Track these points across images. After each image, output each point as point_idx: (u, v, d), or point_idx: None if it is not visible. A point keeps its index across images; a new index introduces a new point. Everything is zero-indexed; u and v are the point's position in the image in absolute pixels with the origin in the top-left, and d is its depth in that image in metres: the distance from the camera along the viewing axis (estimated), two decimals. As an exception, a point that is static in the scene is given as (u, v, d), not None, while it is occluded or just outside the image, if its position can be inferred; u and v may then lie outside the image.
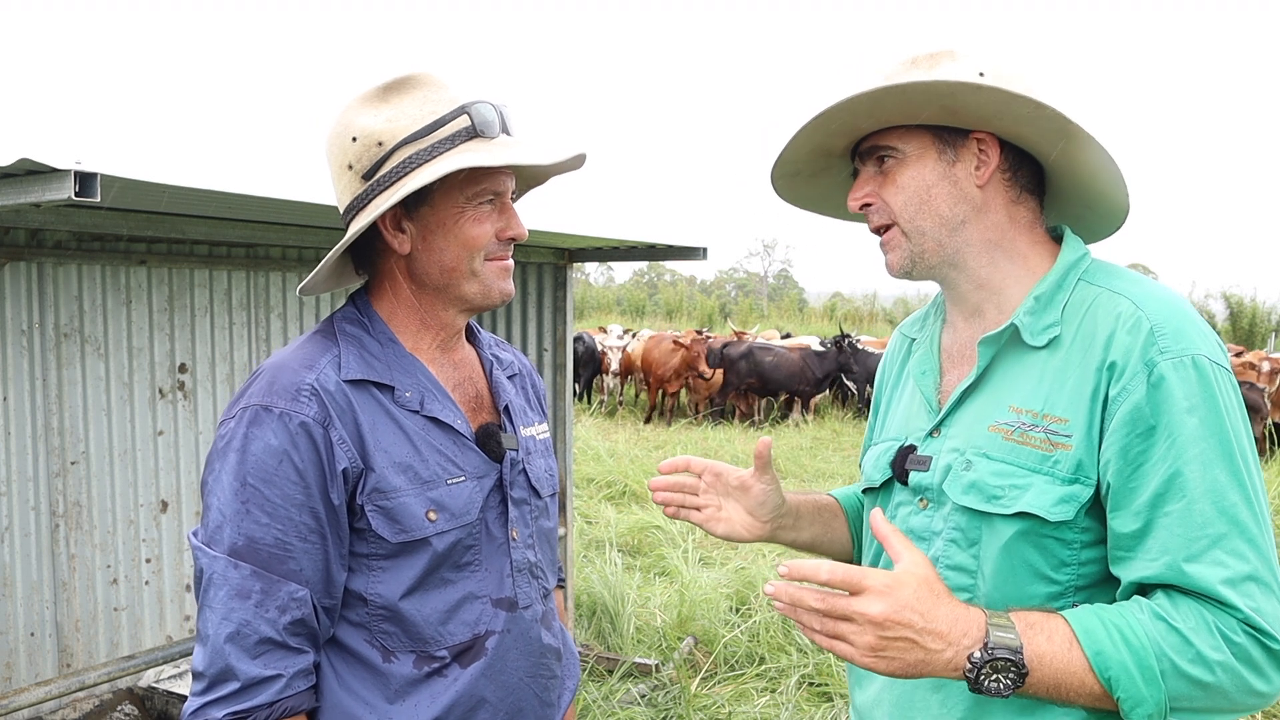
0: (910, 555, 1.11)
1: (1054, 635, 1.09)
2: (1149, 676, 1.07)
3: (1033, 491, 1.19)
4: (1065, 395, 1.20)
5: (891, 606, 1.05)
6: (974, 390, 1.30)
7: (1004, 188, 1.30)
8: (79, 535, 3.64)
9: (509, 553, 1.43)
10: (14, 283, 3.37)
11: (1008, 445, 1.23)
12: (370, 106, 1.35)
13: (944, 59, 1.28)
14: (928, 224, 1.29)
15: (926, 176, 1.28)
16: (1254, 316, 27.89)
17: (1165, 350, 1.15)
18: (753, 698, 4.32)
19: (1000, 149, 1.28)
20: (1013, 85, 1.22)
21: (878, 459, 1.43)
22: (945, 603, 1.09)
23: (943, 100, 1.23)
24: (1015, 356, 1.27)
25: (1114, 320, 1.19)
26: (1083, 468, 1.18)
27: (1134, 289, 1.23)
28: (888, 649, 1.06)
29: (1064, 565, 1.20)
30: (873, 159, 1.32)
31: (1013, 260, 1.31)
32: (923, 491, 1.32)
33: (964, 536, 1.25)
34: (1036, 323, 1.25)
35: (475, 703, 1.37)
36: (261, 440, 1.27)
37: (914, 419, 1.39)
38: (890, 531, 1.14)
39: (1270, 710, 4.29)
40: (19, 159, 1.84)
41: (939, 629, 1.07)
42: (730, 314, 35.49)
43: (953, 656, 1.07)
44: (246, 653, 1.23)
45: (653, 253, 4.49)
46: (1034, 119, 1.22)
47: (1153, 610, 1.11)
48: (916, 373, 1.41)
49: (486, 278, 1.39)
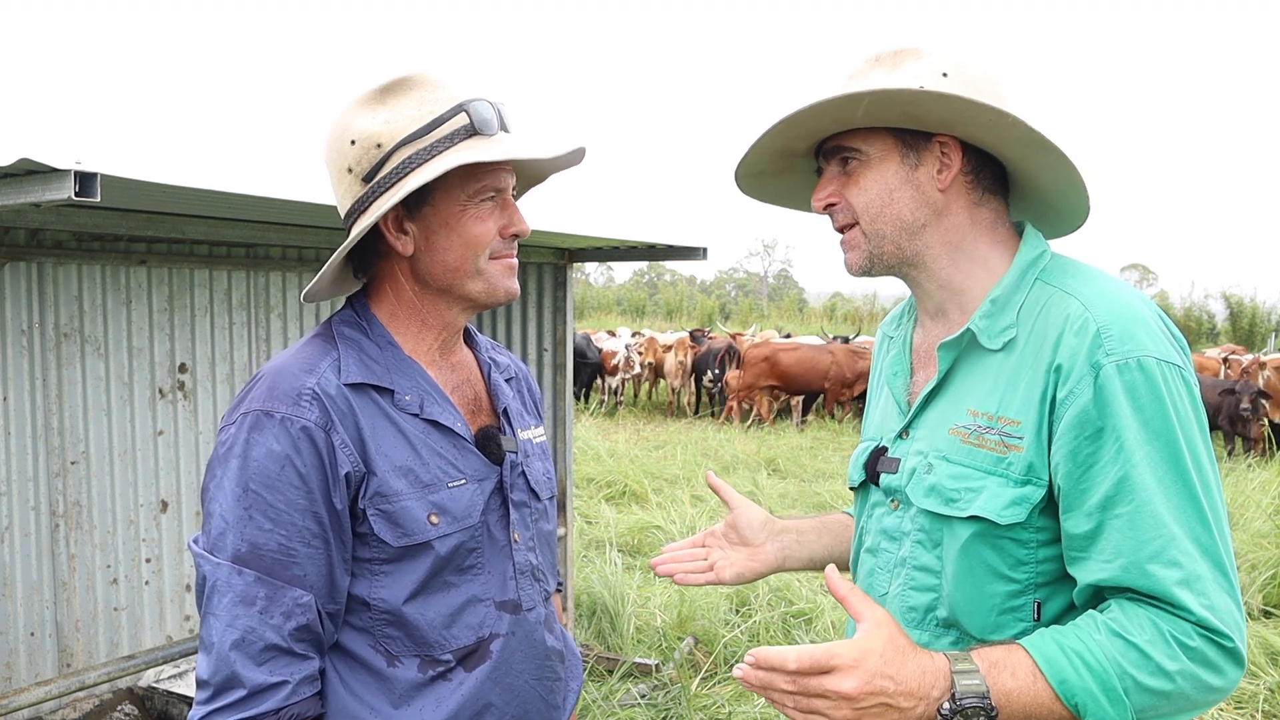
0: (871, 614, 1.12)
1: (1017, 671, 1.10)
2: (1113, 697, 1.09)
3: (985, 495, 1.21)
4: (1018, 397, 1.22)
5: (863, 679, 1.06)
6: (937, 393, 1.32)
7: (966, 190, 1.30)
8: (79, 535, 3.64)
9: (511, 555, 1.43)
10: (14, 283, 3.37)
11: (965, 448, 1.25)
12: (368, 109, 1.34)
13: (908, 57, 1.28)
14: (888, 228, 1.30)
15: (889, 180, 1.29)
16: (1254, 316, 27.90)
17: (1111, 353, 1.15)
18: (753, 698, 4.32)
19: (963, 152, 1.28)
20: (977, 86, 1.22)
21: (855, 459, 1.45)
22: (912, 658, 1.09)
23: (905, 106, 1.22)
24: (975, 359, 1.28)
25: (1063, 322, 1.20)
26: (1034, 469, 1.19)
27: (1086, 289, 1.23)
28: (864, 718, 1.07)
29: (1021, 564, 1.22)
30: (836, 159, 1.33)
31: (973, 261, 1.32)
32: (893, 493, 1.34)
33: (928, 538, 1.28)
34: (992, 326, 1.26)
35: (482, 706, 1.37)
36: (263, 445, 1.26)
37: (888, 420, 1.41)
38: (849, 591, 1.14)
39: (1271, 710, 4.30)
40: (19, 159, 1.84)
41: (909, 688, 1.08)
42: (730, 314, 35.48)
43: (924, 710, 1.08)
44: (252, 659, 1.22)
45: (653, 253, 4.49)
46: (996, 126, 1.23)
47: (1109, 627, 1.12)
48: (888, 374, 1.43)
49: (491, 276, 1.38)
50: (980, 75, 1.26)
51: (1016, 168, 1.32)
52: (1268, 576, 5.79)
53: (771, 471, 9.99)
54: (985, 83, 1.25)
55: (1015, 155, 1.29)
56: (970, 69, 1.26)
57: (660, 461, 10.13)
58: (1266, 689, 4.42)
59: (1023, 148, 1.26)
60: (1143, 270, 50.55)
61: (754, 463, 10.24)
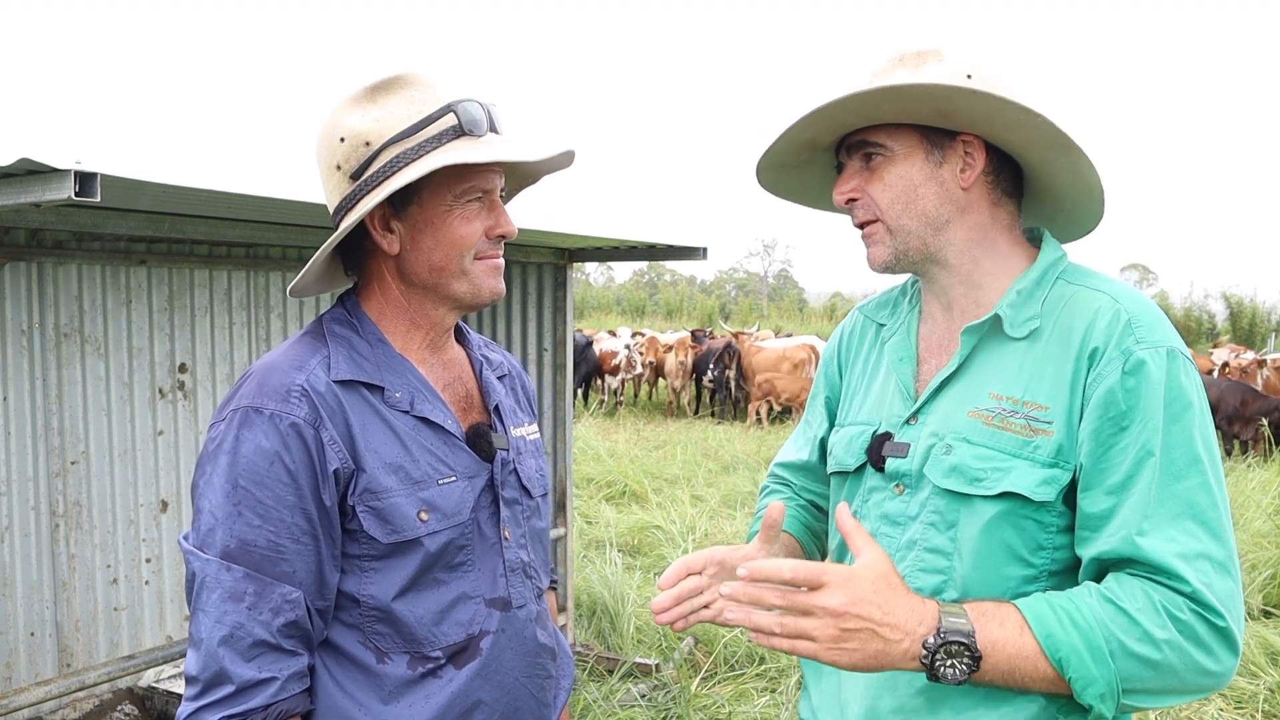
0: (871, 551, 1.15)
1: (1005, 621, 1.14)
2: (1098, 656, 1.11)
3: (1015, 473, 1.23)
4: (1045, 384, 1.24)
5: (850, 598, 1.09)
6: (954, 378, 1.32)
7: (987, 190, 1.32)
8: (79, 535, 3.64)
9: (502, 553, 1.43)
10: (14, 283, 3.37)
11: (988, 430, 1.26)
12: (358, 107, 1.35)
13: (931, 58, 1.29)
14: (913, 223, 1.31)
15: (914, 176, 1.30)
16: (1254, 316, 27.91)
17: (1142, 340, 1.20)
18: (753, 698, 4.32)
19: (986, 152, 1.30)
20: (999, 89, 1.24)
21: (850, 443, 1.43)
22: (902, 596, 1.13)
23: (938, 103, 1.24)
24: (995, 346, 1.30)
25: (1093, 313, 1.25)
26: (1063, 452, 1.22)
27: (1110, 287, 1.28)
28: (849, 640, 1.10)
29: (1040, 548, 1.23)
30: (859, 154, 1.33)
31: (993, 259, 1.34)
32: (900, 477, 1.34)
33: (942, 519, 1.28)
34: (1018, 315, 1.29)
35: (471, 703, 1.37)
36: (252, 442, 1.26)
37: (889, 405, 1.40)
38: (854, 527, 1.18)
39: (1271, 710, 4.30)
40: (19, 159, 1.85)
41: (896, 620, 1.11)
42: (730, 314, 35.49)
43: (909, 646, 1.11)
44: (240, 656, 1.23)
45: (653, 253, 4.49)
46: (1024, 125, 1.25)
47: (1100, 593, 1.15)
48: (893, 359, 1.42)
49: (476, 277, 1.39)
50: (999, 77, 1.27)
51: (1036, 170, 1.33)
52: (1267, 576, 5.79)
53: (772, 471, 9.97)
54: (1005, 84, 1.26)
55: (1038, 158, 1.30)
56: (990, 71, 1.27)
57: (660, 461, 10.14)
58: (1266, 689, 4.42)
59: (1045, 149, 1.28)
60: (1143, 270, 50.55)
61: (754, 463, 10.24)
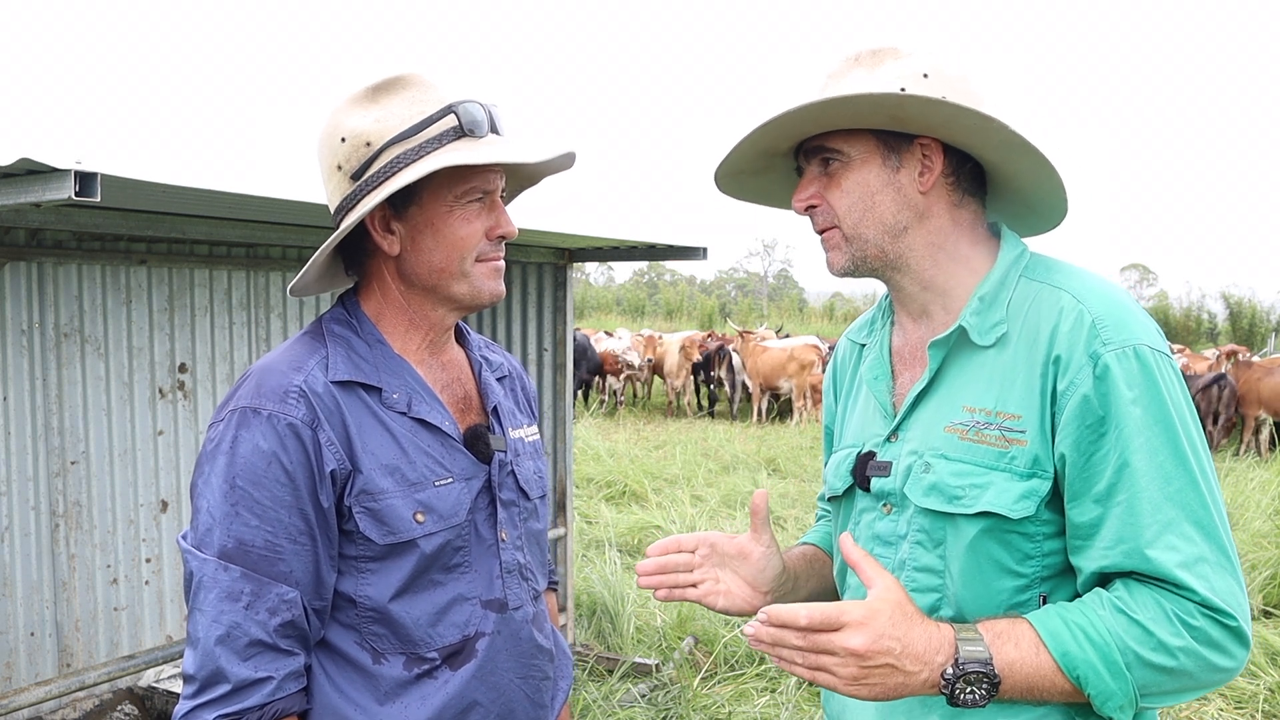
0: (882, 581, 1.15)
1: (1021, 642, 1.13)
2: (1115, 671, 1.11)
3: (993, 490, 1.21)
4: (1016, 392, 1.23)
5: (871, 637, 1.09)
6: (928, 392, 1.31)
7: (947, 192, 1.31)
8: (79, 535, 3.64)
9: (498, 554, 1.43)
10: (14, 283, 3.37)
11: (964, 445, 1.25)
12: (359, 107, 1.35)
13: (887, 57, 1.28)
14: (870, 231, 1.29)
15: (871, 182, 1.28)
16: (1253, 316, 27.90)
17: (1108, 342, 1.18)
18: (753, 698, 4.33)
19: (944, 154, 1.28)
20: (955, 87, 1.23)
21: (838, 466, 1.42)
22: (919, 625, 1.12)
23: (890, 109, 1.23)
24: (965, 356, 1.29)
25: (1056, 315, 1.22)
26: (1039, 461, 1.20)
27: (1073, 282, 1.25)
28: (870, 677, 1.10)
29: (1028, 558, 1.23)
30: (817, 159, 1.32)
31: (956, 261, 1.32)
32: (885, 497, 1.33)
33: (929, 538, 1.27)
34: (983, 322, 1.27)
35: (467, 705, 1.38)
36: (250, 442, 1.27)
37: (871, 424, 1.39)
38: (861, 557, 1.17)
39: (1271, 710, 4.30)
40: (19, 159, 1.85)
41: (915, 651, 1.11)
42: (730, 314, 35.50)
43: (929, 675, 1.11)
44: (237, 655, 1.23)
45: (653, 253, 4.49)
46: (981, 129, 1.23)
47: (1113, 604, 1.14)
48: (869, 378, 1.41)
49: (476, 278, 1.39)
50: (958, 76, 1.26)
51: (997, 170, 1.32)
52: (1267, 576, 5.79)
53: (771, 471, 9.99)
54: (962, 83, 1.26)
55: (997, 158, 1.29)
56: (949, 69, 1.26)
57: (660, 461, 10.14)
58: (1266, 689, 4.42)
59: (1005, 151, 1.27)
60: (1143, 270, 50.55)
61: (754, 463, 10.24)
